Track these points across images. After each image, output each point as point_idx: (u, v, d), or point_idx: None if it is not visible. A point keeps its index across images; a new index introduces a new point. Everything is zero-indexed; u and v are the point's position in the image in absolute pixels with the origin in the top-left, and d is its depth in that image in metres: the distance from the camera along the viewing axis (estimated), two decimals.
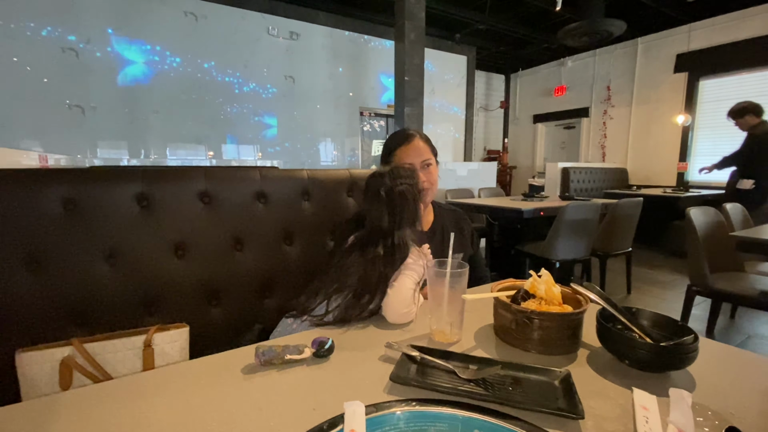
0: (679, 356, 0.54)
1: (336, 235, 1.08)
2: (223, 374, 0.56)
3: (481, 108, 7.64)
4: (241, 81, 4.68)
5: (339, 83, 5.37)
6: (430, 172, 1.10)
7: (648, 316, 0.65)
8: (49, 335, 0.84)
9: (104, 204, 0.95)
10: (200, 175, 1.07)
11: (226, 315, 1.09)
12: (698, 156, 5.43)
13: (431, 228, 1.18)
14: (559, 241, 2.60)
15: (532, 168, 7.68)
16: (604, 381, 0.55)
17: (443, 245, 1.07)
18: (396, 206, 0.86)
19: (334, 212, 1.23)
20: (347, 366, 0.59)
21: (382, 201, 0.86)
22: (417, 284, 0.81)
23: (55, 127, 3.81)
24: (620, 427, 0.45)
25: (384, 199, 0.86)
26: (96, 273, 0.93)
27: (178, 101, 4.34)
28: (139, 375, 0.57)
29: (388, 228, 0.85)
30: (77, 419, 0.46)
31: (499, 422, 0.44)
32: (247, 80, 4.71)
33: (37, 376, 0.77)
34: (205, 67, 4.45)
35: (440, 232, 1.17)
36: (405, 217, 0.86)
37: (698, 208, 2.11)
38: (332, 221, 1.22)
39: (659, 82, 5.70)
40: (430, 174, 1.10)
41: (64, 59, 3.78)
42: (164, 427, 0.45)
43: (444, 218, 1.20)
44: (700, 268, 2.00)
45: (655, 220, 4.46)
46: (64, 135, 3.85)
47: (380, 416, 0.45)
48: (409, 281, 0.79)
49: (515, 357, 0.61)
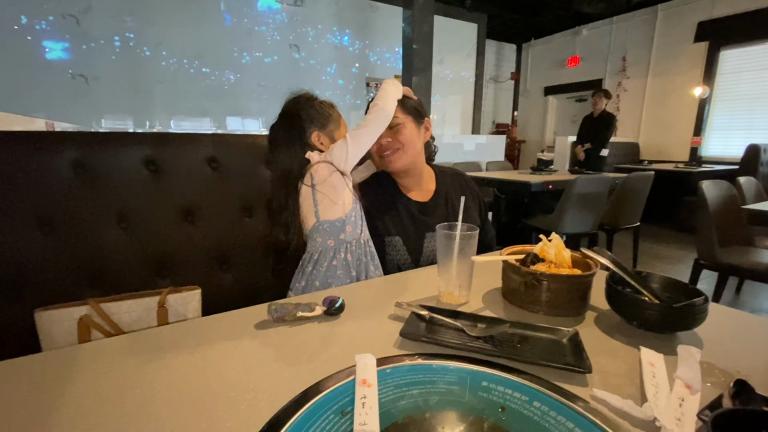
0: (689, 317, 0.54)
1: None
2: (237, 329, 0.58)
3: (490, 79, 7.43)
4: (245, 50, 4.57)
5: (344, 53, 5.23)
6: (396, 132, 0.98)
7: (658, 279, 0.65)
8: (65, 296, 0.86)
9: (113, 168, 0.95)
10: (208, 141, 1.06)
11: (237, 280, 1.11)
12: (714, 131, 5.28)
13: (433, 197, 1.09)
14: (566, 215, 2.58)
15: (542, 142, 7.54)
16: (611, 341, 0.56)
17: (449, 216, 1.06)
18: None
19: None
20: (358, 324, 0.60)
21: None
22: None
23: (60, 97, 3.77)
24: (627, 382, 0.46)
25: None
26: (108, 236, 0.94)
27: (183, 71, 4.27)
28: (156, 329, 0.59)
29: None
30: (97, 368, 0.48)
31: (507, 375, 0.45)
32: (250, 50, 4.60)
33: (56, 334, 0.80)
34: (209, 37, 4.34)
35: (444, 201, 1.10)
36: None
37: (711, 181, 2.07)
38: None
39: (678, 53, 5.47)
40: (396, 134, 0.98)
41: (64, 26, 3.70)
42: (182, 376, 0.46)
43: (448, 185, 1.12)
44: (710, 241, 1.98)
45: (666, 195, 4.41)
46: (69, 106, 3.82)
47: (391, 368, 0.47)
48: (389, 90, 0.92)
49: (523, 318, 0.62)
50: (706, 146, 5.33)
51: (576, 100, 7.10)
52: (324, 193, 0.87)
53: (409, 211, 1.04)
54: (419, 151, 1.04)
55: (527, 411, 0.40)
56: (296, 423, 0.37)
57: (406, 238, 1.02)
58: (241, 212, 1.10)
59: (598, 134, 4.12)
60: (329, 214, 0.89)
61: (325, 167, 0.87)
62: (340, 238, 0.90)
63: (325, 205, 0.88)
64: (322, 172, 0.87)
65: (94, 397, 0.42)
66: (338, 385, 0.43)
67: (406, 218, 1.03)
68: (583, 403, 0.41)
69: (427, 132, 1.08)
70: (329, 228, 0.89)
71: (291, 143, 0.89)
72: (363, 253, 0.92)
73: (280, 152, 0.89)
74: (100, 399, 0.42)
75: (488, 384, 0.44)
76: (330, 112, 0.93)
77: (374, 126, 0.90)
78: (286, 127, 0.90)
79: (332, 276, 0.89)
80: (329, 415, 0.38)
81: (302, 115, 0.90)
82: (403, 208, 1.04)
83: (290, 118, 0.91)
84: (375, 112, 0.90)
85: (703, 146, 5.34)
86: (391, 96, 0.93)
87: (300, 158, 0.89)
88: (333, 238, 0.89)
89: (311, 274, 0.89)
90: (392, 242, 1.01)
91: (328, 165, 0.87)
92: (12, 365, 0.48)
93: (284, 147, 0.89)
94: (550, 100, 7.42)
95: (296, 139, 0.89)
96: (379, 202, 1.02)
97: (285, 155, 0.89)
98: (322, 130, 0.92)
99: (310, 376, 0.45)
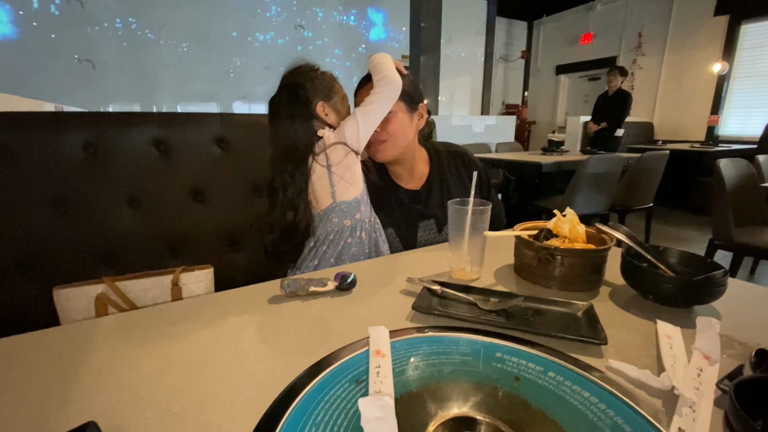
0: (708, 290, 0.53)
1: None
2: (251, 304, 0.58)
3: (500, 58, 7.25)
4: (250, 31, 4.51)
5: (350, 32, 5.13)
6: (385, 122, 0.89)
7: (675, 254, 0.64)
8: (80, 275, 0.87)
9: (123, 149, 0.95)
10: (216, 121, 1.05)
11: (248, 260, 1.11)
12: (732, 108, 5.11)
13: (426, 183, 1.02)
14: (578, 196, 2.55)
15: (552, 123, 7.39)
16: (627, 315, 0.55)
17: (443, 200, 0.99)
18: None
19: None
20: (370, 298, 0.60)
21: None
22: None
23: (68, 83, 3.78)
24: (643, 354, 0.45)
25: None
26: (120, 216, 0.95)
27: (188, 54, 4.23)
28: (171, 304, 0.60)
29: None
30: (114, 340, 0.49)
31: (521, 347, 0.45)
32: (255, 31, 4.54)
33: (74, 311, 0.82)
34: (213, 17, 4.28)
35: (438, 185, 1.01)
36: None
37: (729, 159, 2.01)
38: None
39: (696, 27, 5.26)
40: (384, 124, 0.90)
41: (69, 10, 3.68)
42: (198, 348, 0.47)
43: (443, 167, 1.04)
44: (726, 220, 1.94)
45: (681, 176, 4.31)
46: (76, 91, 3.83)
47: (404, 340, 0.47)
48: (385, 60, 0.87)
49: (536, 294, 0.61)
50: (724, 125, 5.18)
51: (588, 79, 6.91)
52: (340, 175, 0.86)
53: (400, 200, 1.00)
54: (411, 140, 0.97)
55: (542, 381, 0.40)
56: (312, 390, 0.37)
57: (398, 230, 0.99)
58: (250, 192, 1.10)
59: (613, 113, 4.01)
60: (346, 194, 0.87)
61: (342, 148, 0.85)
62: (356, 217, 0.89)
63: (341, 187, 0.87)
64: (338, 153, 0.85)
65: (112, 367, 0.43)
66: (352, 356, 0.43)
67: (398, 209, 0.99)
68: (599, 374, 0.40)
69: (422, 119, 0.99)
70: (346, 208, 0.88)
71: (296, 116, 0.85)
72: (372, 230, 0.92)
73: (284, 126, 0.85)
74: (118, 369, 0.43)
75: (502, 355, 0.44)
76: (333, 83, 0.90)
77: (384, 99, 0.85)
78: (290, 99, 0.85)
79: (346, 254, 0.89)
80: (344, 384, 0.39)
81: (306, 86, 0.85)
82: (394, 199, 0.99)
83: (293, 90, 0.86)
84: (383, 84, 0.85)
85: (721, 125, 5.19)
86: (392, 65, 0.88)
87: (307, 132, 0.85)
88: (350, 218, 0.89)
89: (325, 253, 0.89)
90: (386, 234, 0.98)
91: (343, 146, 0.85)
92: (33, 337, 0.49)
93: (288, 120, 0.85)
94: (561, 80, 7.24)
95: (301, 111, 0.85)
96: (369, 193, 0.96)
97: (290, 129, 0.85)
98: (327, 102, 0.88)
99: (324, 348, 0.45)
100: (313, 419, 0.34)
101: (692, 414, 0.35)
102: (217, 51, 4.37)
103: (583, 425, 0.34)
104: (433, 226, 1.01)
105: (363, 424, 0.31)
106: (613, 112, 4.03)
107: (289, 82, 0.87)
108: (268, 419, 0.34)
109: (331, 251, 0.89)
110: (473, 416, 0.35)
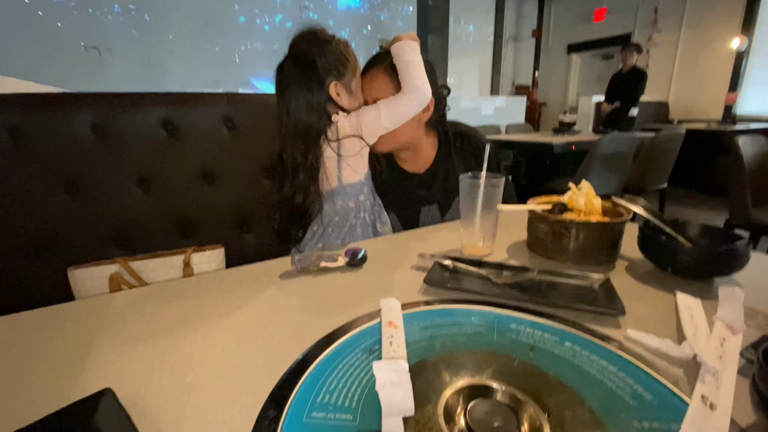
0: (730, 260, 0.51)
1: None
2: (262, 279, 0.58)
3: (510, 38, 7.06)
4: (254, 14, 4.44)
5: (356, 13, 5.03)
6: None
7: (694, 227, 0.61)
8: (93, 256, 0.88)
9: (131, 129, 0.95)
10: (222, 101, 1.04)
11: (259, 241, 1.12)
12: (752, 86, 4.92)
13: (431, 167, 0.98)
14: (590, 177, 2.50)
15: (564, 104, 7.22)
16: (645, 288, 0.54)
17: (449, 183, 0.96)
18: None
19: None
20: (381, 273, 0.60)
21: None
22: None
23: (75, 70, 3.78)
24: (663, 325, 0.44)
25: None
26: (130, 197, 0.96)
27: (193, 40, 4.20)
28: (184, 280, 0.60)
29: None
30: (128, 315, 0.49)
31: (536, 319, 0.44)
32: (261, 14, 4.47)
33: (89, 291, 0.83)
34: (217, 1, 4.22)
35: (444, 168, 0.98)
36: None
37: (748, 136, 1.95)
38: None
39: (714, 1, 5.05)
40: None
41: None
42: (210, 321, 0.47)
43: (450, 151, 0.99)
44: (743, 199, 1.89)
45: (696, 156, 4.20)
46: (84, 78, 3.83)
47: (417, 312, 0.46)
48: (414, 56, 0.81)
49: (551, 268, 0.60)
50: (742, 103, 5.00)
51: (601, 58, 6.71)
52: (349, 163, 0.85)
53: (403, 185, 0.98)
54: (414, 130, 0.93)
55: (558, 350, 0.39)
56: (325, 359, 0.37)
57: (400, 214, 0.98)
58: (259, 173, 1.10)
59: (627, 92, 3.88)
60: (351, 178, 0.87)
61: (357, 142, 0.83)
62: (359, 199, 0.89)
63: (348, 173, 0.86)
64: (353, 146, 0.83)
65: (127, 338, 0.44)
66: (365, 327, 0.43)
67: (401, 193, 0.97)
68: (617, 343, 0.39)
69: (427, 112, 0.92)
70: (350, 190, 0.87)
71: (309, 97, 0.79)
72: (371, 211, 0.92)
73: (295, 103, 0.80)
74: (133, 340, 0.43)
75: (516, 326, 0.43)
76: (347, 56, 0.82)
77: (414, 110, 0.83)
78: (301, 76, 0.79)
79: (351, 234, 0.89)
80: (357, 353, 0.38)
81: (318, 62, 0.79)
82: (398, 183, 0.97)
83: (305, 65, 0.79)
84: (416, 97, 0.81)
85: (739, 103, 5.01)
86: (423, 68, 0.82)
87: (319, 113, 0.81)
88: (354, 199, 0.88)
89: (330, 235, 0.89)
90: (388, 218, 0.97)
91: (359, 140, 0.83)
92: (50, 312, 0.50)
93: (299, 97, 0.79)
94: (573, 59, 7.04)
95: (314, 91, 0.79)
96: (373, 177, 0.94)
97: (302, 109, 0.80)
98: (340, 80, 0.81)
99: (336, 320, 0.45)
100: (327, 386, 0.34)
101: (715, 381, 0.34)
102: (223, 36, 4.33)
103: (601, 393, 0.33)
104: (436, 211, 0.99)
105: (378, 389, 0.30)
106: (627, 90, 3.90)
107: (300, 53, 0.81)
108: (282, 387, 0.34)
109: (336, 234, 0.88)
110: (488, 384, 0.34)
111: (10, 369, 0.39)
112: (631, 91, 3.91)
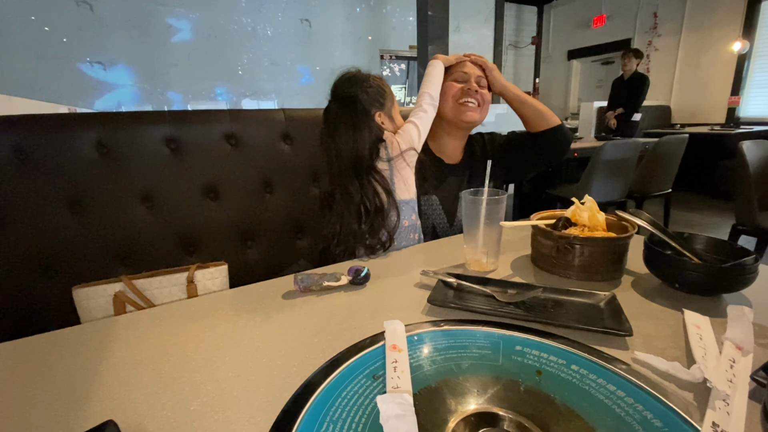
0: (739, 277, 0.51)
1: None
2: (265, 300, 0.58)
3: (510, 45, 7.10)
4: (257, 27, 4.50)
5: (357, 25, 5.08)
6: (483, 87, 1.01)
7: (701, 240, 0.61)
8: (98, 274, 0.89)
9: (135, 147, 0.96)
10: (225, 118, 1.05)
11: (261, 256, 1.12)
12: (754, 88, 4.91)
13: (463, 160, 1.08)
14: (593, 183, 2.49)
15: (565, 110, 7.23)
16: (651, 305, 0.53)
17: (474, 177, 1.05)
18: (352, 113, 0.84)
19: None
20: (384, 292, 0.59)
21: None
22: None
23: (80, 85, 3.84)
24: (671, 345, 0.44)
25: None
26: (134, 215, 0.96)
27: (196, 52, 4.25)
28: (187, 301, 0.60)
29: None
30: (133, 338, 0.49)
31: (542, 340, 0.44)
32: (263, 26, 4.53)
33: (93, 309, 0.83)
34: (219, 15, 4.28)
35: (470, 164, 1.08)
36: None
37: (752, 141, 1.94)
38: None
39: (715, 4, 5.05)
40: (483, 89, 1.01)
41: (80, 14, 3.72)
42: (214, 344, 0.47)
43: (476, 147, 1.11)
44: (749, 204, 1.88)
45: (700, 160, 4.18)
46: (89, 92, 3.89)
47: (420, 333, 0.46)
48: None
49: (555, 284, 0.60)
50: (745, 106, 4.98)
51: (602, 63, 6.72)
52: (398, 170, 0.87)
53: (443, 172, 1.04)
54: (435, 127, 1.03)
55: (565, 374, 0.38)
56: (328, 387, 0.37)
57: (442, 198, 1.02)
58: (262, 188, 1.10)
59: (629, 98, 3.87)
60: (403, 194, 0.88)
61: (413, 153, 0.89)
62: (412, 218, 0.90)
63: (400, 188, 0.88)
64: (412, 158, 0.89)
65: (131, 365, 0.43)
66: (368, 351, 0.42)
67: (441, 179, 1.04)
68: (625, 366, 0.39)
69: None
70: (404, 207, 0.88)
71: (359, 129, 0.82)
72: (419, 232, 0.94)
73: (348, 139, 0.82)
74: (137, 366, 0.43)
75: (522, 348, 0.43)
76: (384, 88, 0.90)
77: (432, 115, 0.95)
78: (350, 112, 0.83)
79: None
80: (361, 379, 0.38)
81: (361, 98, 0.85)
82: (438, 170, 1.03)
83: (350, 103, 0.84)
84: (432, 108, 0.95)
85: (742, 106, 4.99)
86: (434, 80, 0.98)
87: (370, 142, 0.84)
88: (407, 218, 0.89)
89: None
90: (429, 201, 1.01)
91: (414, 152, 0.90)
92: (53, 336, 0.50)
93: (351, 133, 0.82)
94: (573, 65, 7.05)
95: (363, 124, 0.83)
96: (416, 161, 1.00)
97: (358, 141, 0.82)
98: (383, 110, 0.89)
99: (339, 343, 0.45)
100: (330, 416, 0.33)
101: (726, 408, 0.33)
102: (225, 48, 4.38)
103: (610, 420, 0.33)
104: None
105: (382, 422, 0.30)
106: (630, 96, 3.89)
107: (344, 94, 0.86)
108: (285, 416, 0.34)
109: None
110: (495, 412, 0.34)
111: (13, 398, 0.39)
112: (633, 97, 3.90)
